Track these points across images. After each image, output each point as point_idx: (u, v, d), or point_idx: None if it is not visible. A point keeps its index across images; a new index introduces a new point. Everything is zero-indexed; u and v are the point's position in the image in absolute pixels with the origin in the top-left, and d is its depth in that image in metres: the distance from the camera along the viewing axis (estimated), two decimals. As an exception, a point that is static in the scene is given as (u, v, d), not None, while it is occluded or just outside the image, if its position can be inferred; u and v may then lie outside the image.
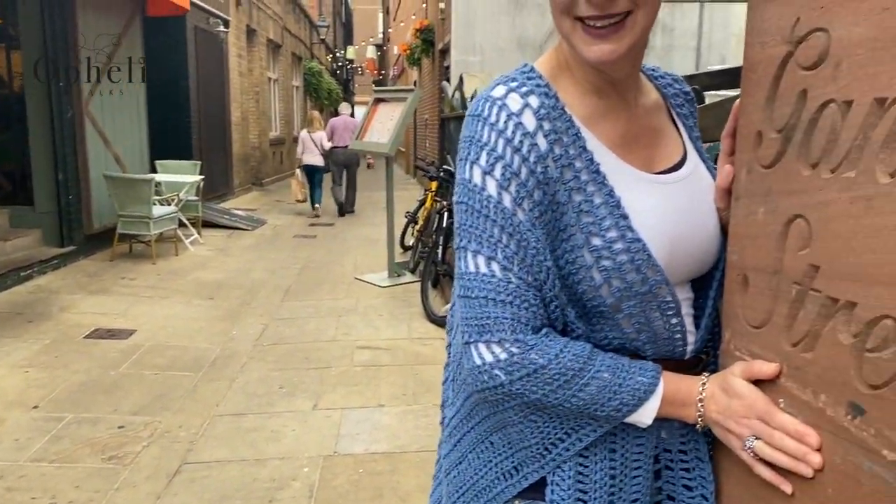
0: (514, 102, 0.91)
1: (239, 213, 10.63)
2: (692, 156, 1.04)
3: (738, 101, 0.94)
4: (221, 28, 11.90)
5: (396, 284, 6.56)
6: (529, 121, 0.90)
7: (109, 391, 3.91)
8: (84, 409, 3.67)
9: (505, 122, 0.90)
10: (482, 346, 0.89)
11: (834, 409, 0.75)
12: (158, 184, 7.78)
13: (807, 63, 0.79)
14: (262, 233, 9.62)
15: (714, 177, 1.01)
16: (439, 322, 5.25)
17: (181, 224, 8.05)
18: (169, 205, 7.79)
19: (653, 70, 1.09)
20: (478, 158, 0.91)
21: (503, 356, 0.87)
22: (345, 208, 11.64)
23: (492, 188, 0.89)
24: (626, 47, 0.88)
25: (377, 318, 5.50)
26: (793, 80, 0.81)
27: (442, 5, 12.72)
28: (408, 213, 8.23)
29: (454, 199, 0.95)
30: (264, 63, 16.28)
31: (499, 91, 0.92)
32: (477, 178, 0.91)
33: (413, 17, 17.43)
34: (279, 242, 8.91)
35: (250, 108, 14.71)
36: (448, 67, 12.28)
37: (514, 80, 0.94)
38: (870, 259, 0.69)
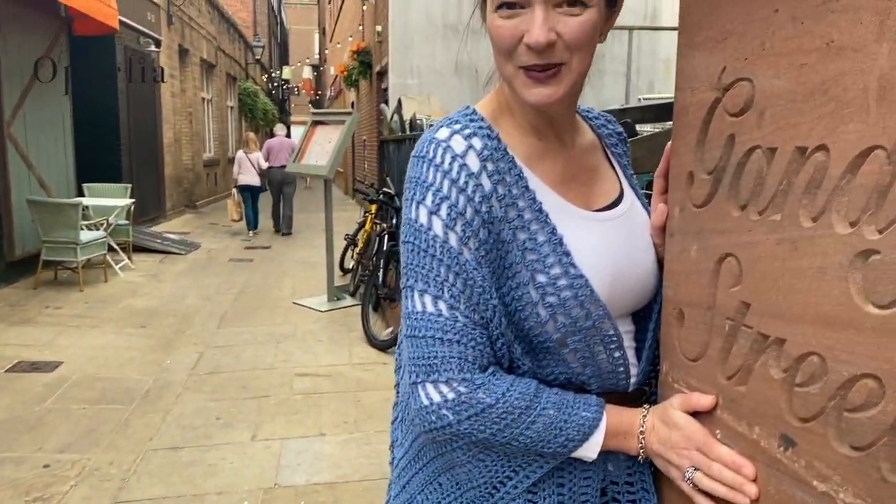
0: (458, 144, 0.93)
1: (172, 236, 10.34)
2: (628, 193, 1.08)
3: (670, 142, 0.99)
4: (153, 48, 11.63)
5: (336, 308, 6.49)
6: (473, 162, 0.92)
7: (34, 428, 3.72)
8: (6, 447, 3.47)
9: (450, 163, 0.92)
10: (430, 386, 0.89)
11: (767, 441, 0.79)
12: (86, 208, 7.50)
13: (733, 110, 0.83)
14: (196, 257, 9.38)
15: (649, 213, 1.06)
16: (381, 346, 5.21)
17: (111, 249, 7.77)
18: (97, 229, 7.52)
19: (587, 111, 1.13)
20: (423, 199, 0.92)
21: (451, 396, 0.88)
22: (281, 229, 11.86)
23: (438, 228, 0.91)
24: (562, 91, 0.92)
25: (317, 343, 5.42)
26: (721, 125, 0.86)
27: (379, 28, 12.79)
28: (347, 235, 8.17)
29: (401, 238, 0.96)
30: (198, 83, 15.96)
31: (443, 133, 0.94)
32: (423, 218, 0.92)
33: (350, 39, 17.44)
34: (214, 267, 8.70)
35: (183, 129, 14.38)
36: (386, 89, 12.33)
37: (457, 122, 0.96)
38: (796, 299, 0.73)
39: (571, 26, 0.88)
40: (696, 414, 0.89)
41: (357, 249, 7.44)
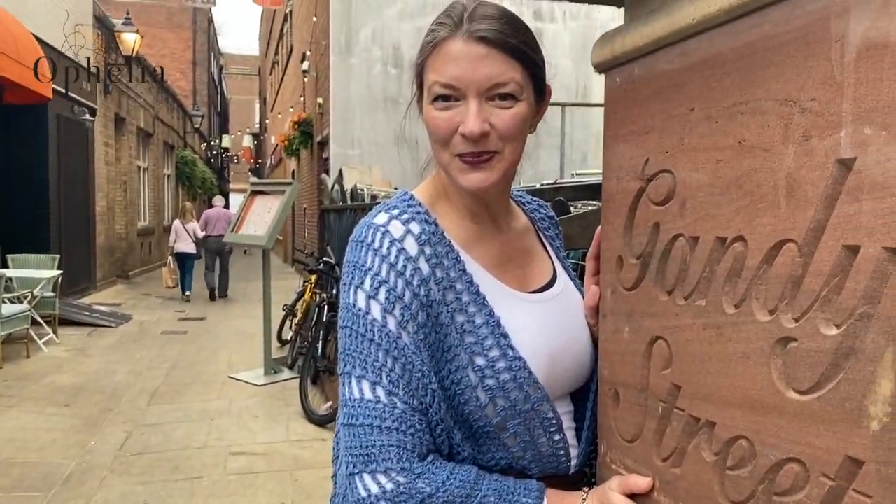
0: (397, 229, 0.94)
1: (101, 308, 9.95)
2: (561, 274, 1.11)
3: (600, 227, 1.03)
4: (87, 116, 11.45)
5: (273, 382, 6.30)
6: (412, 246, 0.93)
7: (-62, 522, 3.43)
8: None
9: (388, 247, 0.93)
10: (367, 477, 0.87)
11: (703, 524, 0.79)
12: (9, 279, 7.17)
13: (657, 199, 0.87)
14: (126, 330, 9.02)
15: (582, 294, 1.09)
16: (319, 422, 5.07)
17: (34, 322, 7.40)
18: (21, 302, 7.17)
19: (520, 197, 1.18)
20: (362, 283, 0.92)
21: (389, 487, 0.86)
22: (217, 293, 12.04)
23: (376, 312, 0.91)
24: (496, 177, 0.96)
25: (252, 419, 5.23)
26: (646, 213, 0.90)
27: (320, 100, 12.97)
28: (286, 305, 8.02)
29: (339, 323, 0.96)
30: (134, 152, 15.73)
31: (381, 218, 0.96)
32: (361, 302, 0.92)
33: (291, 110, 17.60)
34: (146, 340, 8.37)
35: (117, 198, 14.07)
36: (327, 159, 12.42)
37: (395, 207, 0.97)
38: (723, 382, 0.76)
39: (503, 118, 0.93)
40: (634, 496, 0.90)
41: (296, 320, 7.30)
